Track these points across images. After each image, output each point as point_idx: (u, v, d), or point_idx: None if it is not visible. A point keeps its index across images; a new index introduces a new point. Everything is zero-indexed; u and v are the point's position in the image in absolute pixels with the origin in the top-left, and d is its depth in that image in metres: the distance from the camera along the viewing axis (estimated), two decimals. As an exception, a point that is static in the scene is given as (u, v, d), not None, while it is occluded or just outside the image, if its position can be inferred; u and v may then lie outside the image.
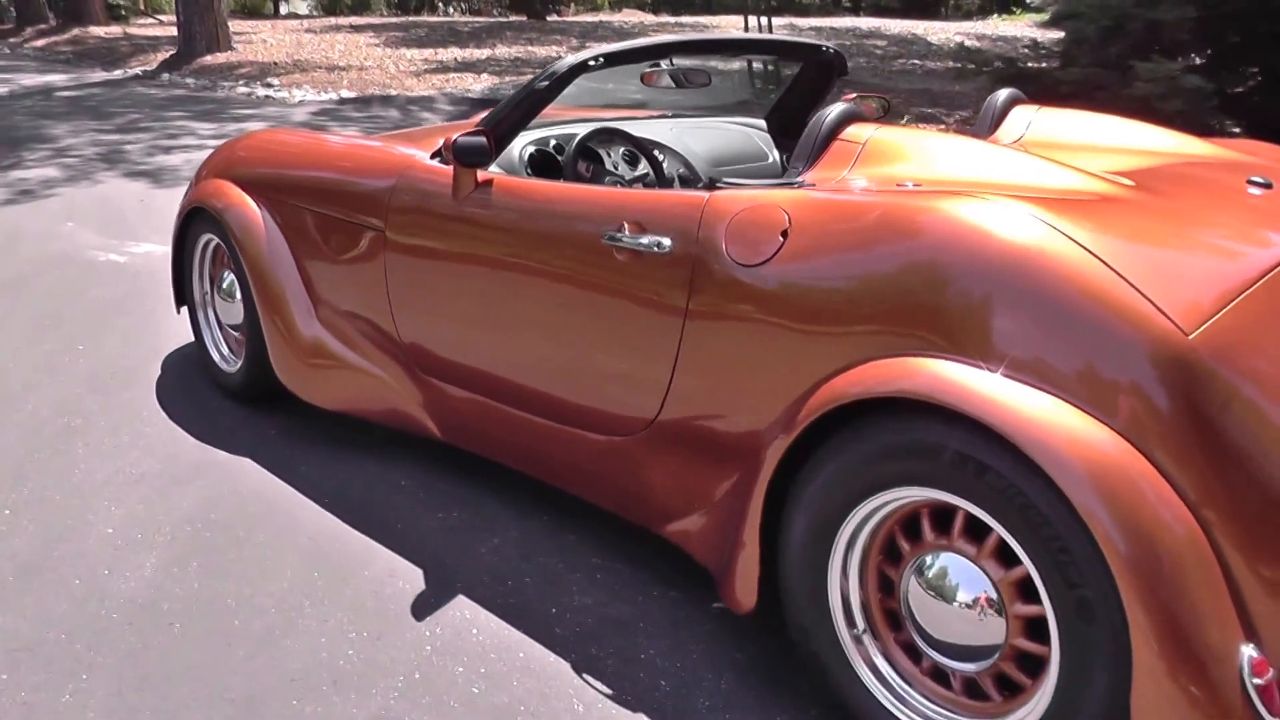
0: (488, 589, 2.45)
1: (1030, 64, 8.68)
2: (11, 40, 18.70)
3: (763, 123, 3.55)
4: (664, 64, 3.11)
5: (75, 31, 18.88)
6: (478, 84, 12.85)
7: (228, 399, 3.48)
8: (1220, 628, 1.54)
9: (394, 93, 12.01)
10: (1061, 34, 8.42)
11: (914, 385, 1.70)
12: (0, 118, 9.28)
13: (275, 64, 14.32)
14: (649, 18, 28.22)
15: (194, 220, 3.51)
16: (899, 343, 1.80)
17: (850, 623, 1.90)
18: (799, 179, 2.21)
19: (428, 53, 15.42)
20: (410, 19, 28.03)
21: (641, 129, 3.24)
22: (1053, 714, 1.65)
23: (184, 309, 3.70)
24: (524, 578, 2.50)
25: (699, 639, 2.26)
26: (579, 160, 2.85)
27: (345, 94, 12.13)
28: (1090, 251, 1.70)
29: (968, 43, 14.41)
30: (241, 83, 12.81)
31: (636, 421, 2.31)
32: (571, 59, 2.65)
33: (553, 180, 2.68)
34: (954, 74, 9.89)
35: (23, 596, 2.42)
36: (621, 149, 3.04)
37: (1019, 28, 19.88)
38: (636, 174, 3.01)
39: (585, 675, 2.15)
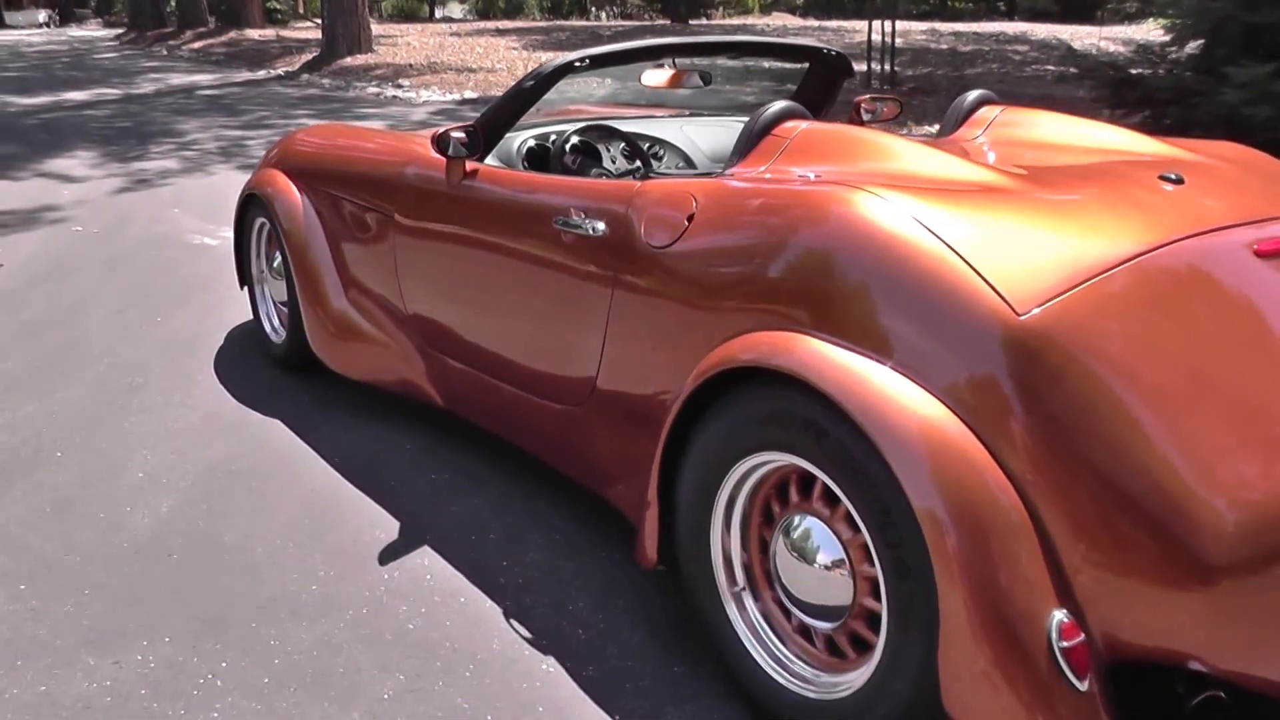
0: (453, 542, 2.67)
1: (1142, 70, 8.40)
2: (171, 42, 20.10)
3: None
4: (666, 64, 3.28)
5: (231, 34, 20.16)
6: (600, 89, 13.20)
7: (274, 368, 3.81)
8: (1030, 592, 1.62)
9: (514, 94, 12.45)
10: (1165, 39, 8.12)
11: (761, 355, 1.85)
12: (140, 114, 10.10)
13: (410, 66, 15.01)
14: (794, 21, 28.31)
15: (251, 206, 3.85)
16: (770, 318, 1.93)
17: (732, 580, 2.04)
18: (725, 170, 2.36)
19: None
20: (557, 23, 28.82)
21: (648, 127, 3.41)
22: (883, 669, 1.76)
23: (246, 287, 4.05)
24: (489, 534, 2.71)
25: (625, 596, 2.42)
26: (565, 154, 3.04)
27: (468, 95, 12.64)
28: (940, 238, 1.79)
29: (1077, 46, 13.98)
30: (374, 83, 13.49)
31: (581, 391, 2.49)
32: (558, 60, 2.86)
33: (541, 173, 2.89)
34: (1056, 78, 9.65)
35: (56, 524, 2.77)
36: (621, 144, 3.22)
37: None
38: (629, 168, 3.19)
39: (513, 620, 2.34)
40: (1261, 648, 1.65)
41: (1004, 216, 1.90)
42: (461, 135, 2.81)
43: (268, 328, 3.90)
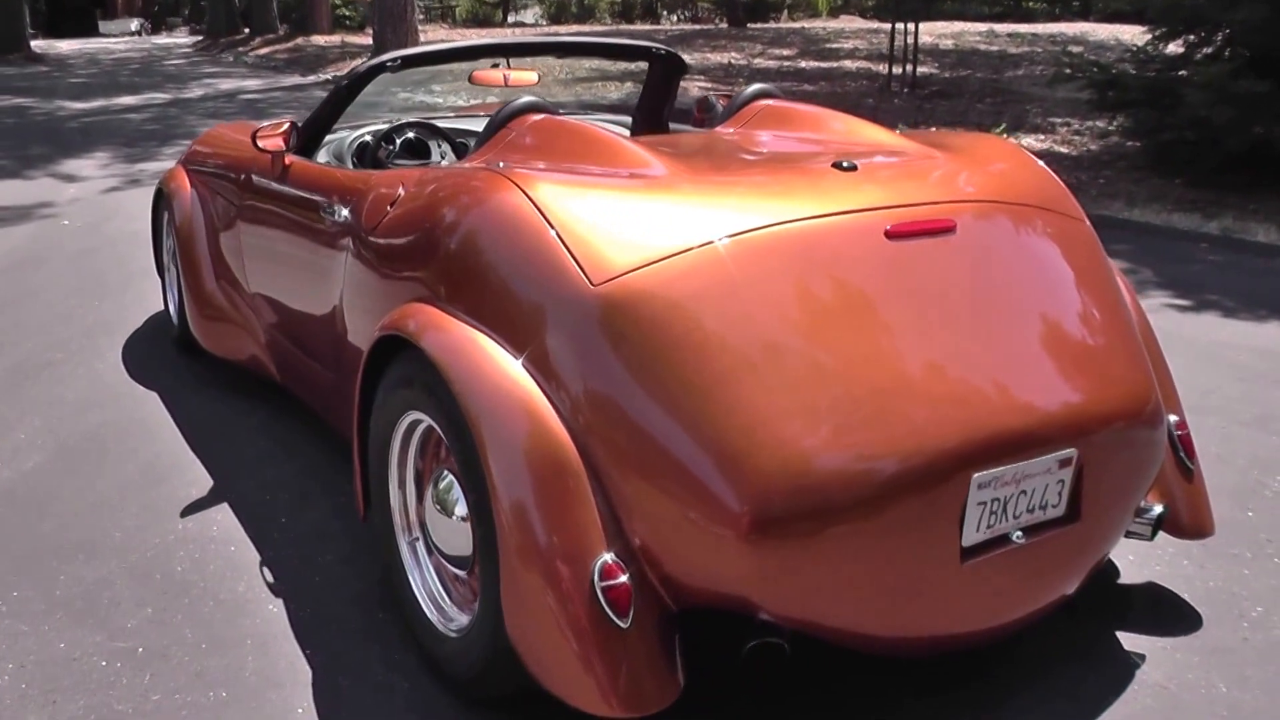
0: (250, 502, 3.00)
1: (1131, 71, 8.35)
2: (240, 49, 20.95)
3: (629, 119, 3.91)
4: (502, 64, 3.57)
5: (298, 40, 20.92)
6: (617, 92, 13.52)
7: (173, 348, 4.20)
8: (578, 535, 1.83)
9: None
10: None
11: (391, 325, 2.14)
12: (175, 117, 10.72)
13: (449, 71, 15.44)
14: (859, 23, 28.20)
15: (160, 200, 4.26)
16: (426, 293, 2.22)
17: (408, 530, 2.32)
18: (459, 161, 2.65)
19: (607, 62, 16.07)
20: (619, 27, 29.19)
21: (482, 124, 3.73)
22: (480, 610, 2.01)
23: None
24: (281, 495, 3.03)
25: (375, 553, 2.71)
26: (380, 149, 3.37)
27: (492, 98, 13.02)
28: (548, 221, 2.00)
29: (1072, 48, 13.82)
30: (407, 88, 13.96)
31: (336, 360, 2.80)
32: (371, 61, 3.18)
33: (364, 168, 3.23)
34: (1050, 79, 9.60)
35: (-68, 476, 3.18)
36: (445, 141, 3.54)
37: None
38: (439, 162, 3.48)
39: (266, 568, 2.66)
40: (813, 598, 1.85)
41: (628, 201, 2.09)
42: (278, 131, 3.16)
43: (171, 311, 4.29)
